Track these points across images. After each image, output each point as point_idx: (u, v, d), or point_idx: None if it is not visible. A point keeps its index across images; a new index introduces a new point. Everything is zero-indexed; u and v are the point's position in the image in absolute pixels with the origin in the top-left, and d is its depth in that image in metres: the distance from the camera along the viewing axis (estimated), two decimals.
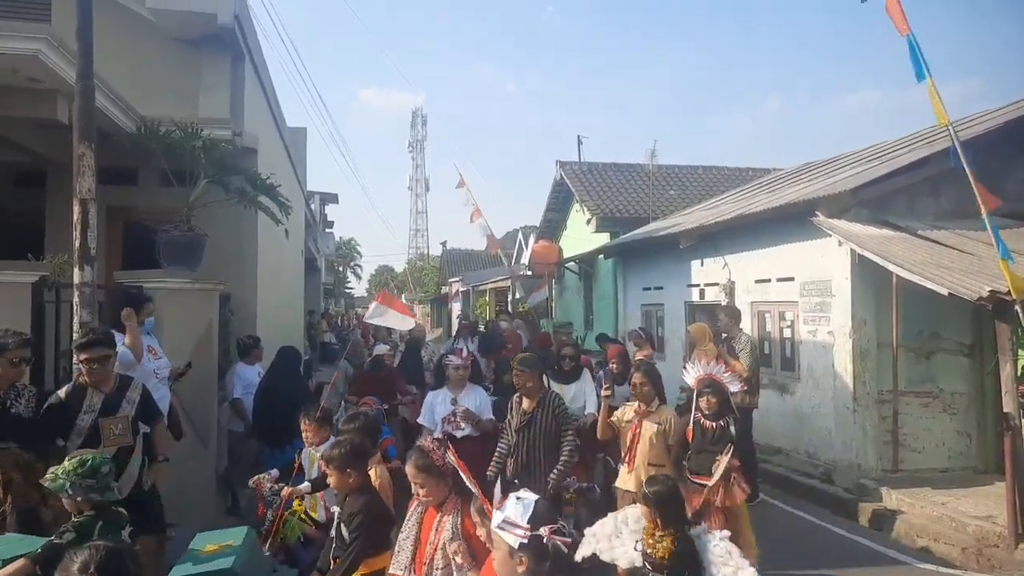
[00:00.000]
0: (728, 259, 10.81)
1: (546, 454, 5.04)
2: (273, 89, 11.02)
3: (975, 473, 8.01)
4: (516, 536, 2.23)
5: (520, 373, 5.16)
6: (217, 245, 7.18)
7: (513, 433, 5.17)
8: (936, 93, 6.15)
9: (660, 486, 3.65)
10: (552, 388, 6.62)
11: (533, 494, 2.43)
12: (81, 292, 4.93)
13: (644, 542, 3.62)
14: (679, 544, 3.51)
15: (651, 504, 3.63)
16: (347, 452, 3.65)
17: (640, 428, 5.11)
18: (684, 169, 20.37)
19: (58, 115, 5.92)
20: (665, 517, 3.58)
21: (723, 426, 5.01)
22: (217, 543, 3.47)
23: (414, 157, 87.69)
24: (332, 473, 3.67)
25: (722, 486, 4.77)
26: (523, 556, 2.22)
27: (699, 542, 3.54)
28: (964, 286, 6.30)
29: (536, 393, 5.16)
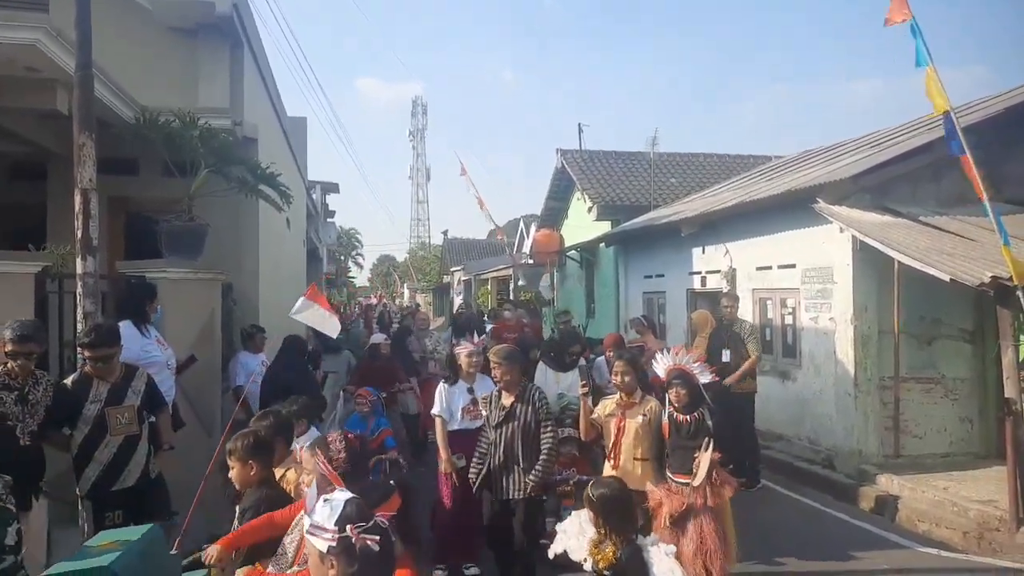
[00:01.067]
0: (729, 246, 10.80)
1: (525, 450, 4.80)
2: (272, 78, 10.98)
3: (976, 458, 8.04)
4: (324, 540, 2.16)
5: (499, 366, 4.89)
6: (219, 235, 7.19)
7: (492, 430, 4.94)
8: (937, 79, 6.14)
9: (605, 489, 3.41)
10: (550, 376, 6.54)
11: (345, 494, 2.33)
12: (84, 282, 4.94)
13: (589, 548, 3.39)
14: (622, 554, 3.27)
15: (595, 508, 3.39)
16: (250, 443, 3.50)
17: (624, 421, 4.85)
18: (685, 157, 20.30)
19: (57, 105, 5.90)
20: (609, 523, 3.34)
21: (698, 419, 4.65)
22: (112, 540, 3.14)
23: (415, 146, 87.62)
24: (233, 464, 3.52)
25: (707, 485, 4.47)
26: (333, 560, 2.15)
27: (646, 554, 3.27)
28: (966, 272, 6.30)
29: (515, 387, 4.92)
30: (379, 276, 75.80)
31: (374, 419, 6.31)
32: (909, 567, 5.69)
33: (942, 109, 6.11)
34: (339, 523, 2.18)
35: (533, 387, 5.06)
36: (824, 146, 13.61)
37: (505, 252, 25.64)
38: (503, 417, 4.87)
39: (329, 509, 2.24)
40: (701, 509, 4.41)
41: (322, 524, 2.21)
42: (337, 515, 2.21)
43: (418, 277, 53.46)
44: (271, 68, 10.83)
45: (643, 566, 3.19)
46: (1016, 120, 8.43)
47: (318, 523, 2.22)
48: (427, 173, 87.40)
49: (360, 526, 2.19)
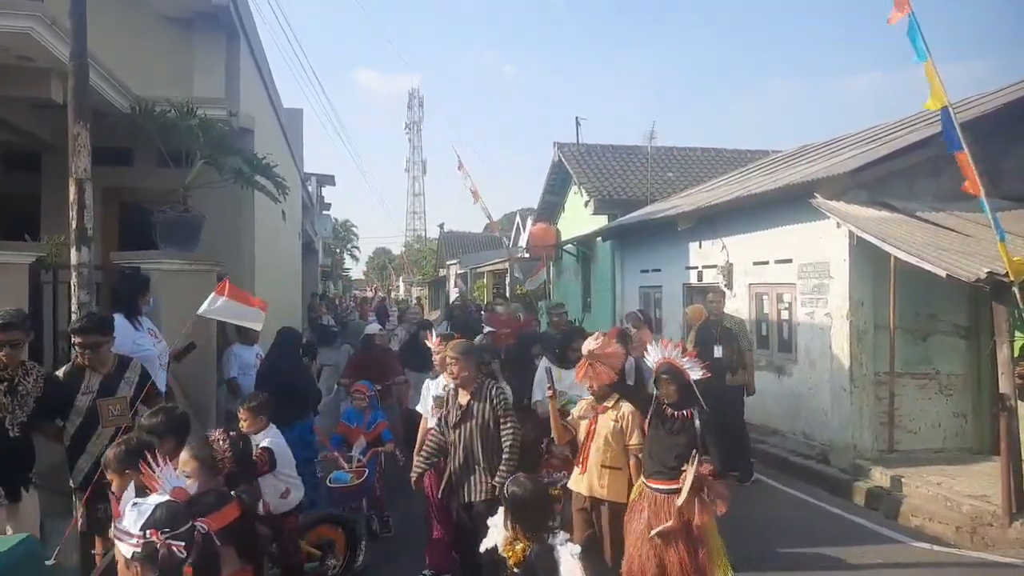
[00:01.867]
0: (726, 241, 10.80)
1: (485, 450, 4.58)
2: (269, 69, 10.93)
3: (970, 453, 8.07)
4: (129, 545, 2.08)
5: (455, 361, 4.64)
6: (214, 227, 7.16)
7: (450, 430, 4.72)
8: (936, 74, 6.13)
9: (518, 488, 3.31)
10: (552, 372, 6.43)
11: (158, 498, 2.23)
12: (79, 273, 4.92)
13: (503, 546, 3.32)
14: (532, 553, 3.19)
15: (507, 506, 3.29)
16: (123, 453, 3.17)
17: (595, 424, 4.61)
18: (683, 151, 20.29)
19: (52, 94, 5.86)
20: (520, 522, 3.25)
21: (686, 417, 4.34)
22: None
23: (411, 139, 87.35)
24: (111, 477, 3.27)
25: (696, 500, 4.10)
26: (137, 566, 2.07)
27: (556, 553, 3.18)
28: (962, 268, 6.31)
29: (471, 383, 4.67)
30: (375, 269, 75.78)
31: (371, 412, 6.31)
32: (902, 561, 5.71)
33: (939, 104, 6.10)
34: (144, 528, 2.10)
35: (490, 383, 4.78)
36: (822, 141, 13.61)
37: (502, 246, 25.59)
38: (460, 416, 4.66)
39: (136, 514, 2.16)
40: (687, 525, 4.08)
41: (127, 529, 2.12)
42: (144, 520, 2.13)
43: (414, 270, 53.44)
44: (267, 59, 10.78)
45: (553, 565, 3.12)
46: (1014, 116, 8.44)
47: (123, 528, 2.13)
48: (423, 166, 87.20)
49: (168, 531, 2.10)
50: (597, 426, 4.59)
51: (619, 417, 4.53)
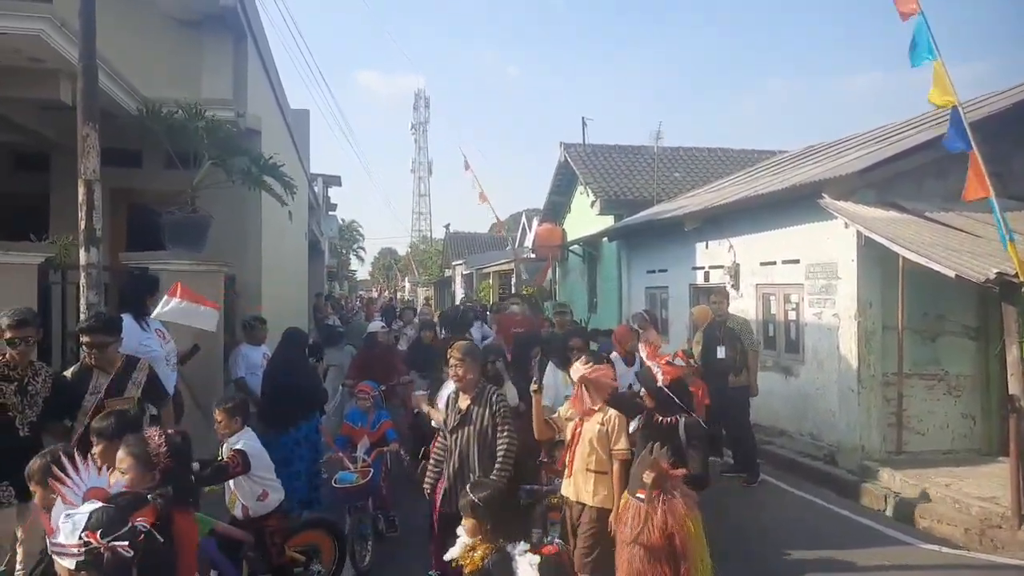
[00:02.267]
0: (733, 241, 10.77)
1: (481, 457, 4.43)
2: (276, 70, 10.96)
3: (978, 455, 8.03)
4: (71, 557, 2.05)
5: (459, 363, 4.49)
6: (221, 227, 7.19)
7: (448, 435, 4.61)
8: (945, 74, 6.10)
9: (484, 490, 3.26)
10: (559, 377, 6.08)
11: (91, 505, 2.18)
12: (87, 273, 4.94)
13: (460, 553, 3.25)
14: (489, 561, 3.12)
15: (475, 512, 3.21)
16: (47, 465, 3.03)
17: (580, 428, 4.47)
18: (689, 151, 20.26)
19: (61, 96, 5.90)
20: (479, 527, 3.18)
21: (672, 424, 4.22)
22: None
23: (417, 139, 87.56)
24: (34, 489, 3.15)
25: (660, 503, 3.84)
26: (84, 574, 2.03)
27: (514, 563, 3.13)
28: (971, 268, 6.28)
29: (473, 387, 4.54)
30: (380, 270, 75.87)
31: (375, 412, 6.30)
32: (910, 564, 5.68)
33: (948, 104, 6.08)
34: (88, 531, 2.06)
35: (491, 388, 4.63)
36: (829, 141, 13.57)
37: (507, 246, 25.60)
38: (459, 421, 4.53)
39: (72, 525, 2.12)
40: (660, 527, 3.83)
41: (64, 542, 2.09)
42: (81, 528, 2.09)
43: (419, 271, 53.48)
44: (274, 60, 10.81)
45: (509, 574, 3.07)
46: (1022, 117, 8.39)
47: (60, 542, 2.10)
48: (429, 167, 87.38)
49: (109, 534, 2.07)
50: (582, 430, 4.45)
51: (605, 420, 4.38)
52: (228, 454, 4.25)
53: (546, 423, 4.66)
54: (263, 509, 4.37)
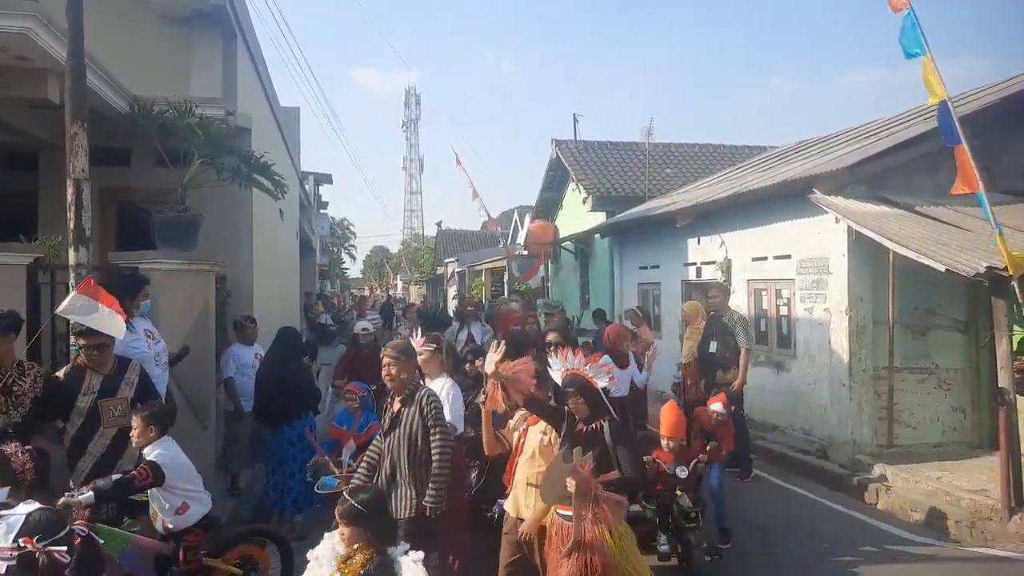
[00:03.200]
0: (725, 237, 10.80)
1: (411, 462, 4.14)
2: (266, 68, 10.90)
3: (969, 448, 8.09)
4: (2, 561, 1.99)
5: (393, 362, 4.21)
6: (212, 226, 7.15)
7: (382, 439, 4.34)
8: (934, 68, 6.13)
9: (365, 495, 3.11)
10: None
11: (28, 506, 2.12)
12: (77, 273, 4.91)
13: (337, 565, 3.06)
14: (371, 567, 2.98)
15: (351, 519, 3.05)
16: None
17: (524, 438, 4.23)
18: (681, 147, 20.28)
19: (48, 95, 5.83)
20: (365, 533, 3.02)
21: (596, 430, 3.90)
22: None
23: (408, 136, 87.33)
24: None
25: (589, 514, 3.54)
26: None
27: (397, 566, 3.02)
28: (961, 262, 6.32)
29: (404, 388, 4.24)
30: (372, 268, 75.71)
31: (363, 414, 5.98)
32: (901, 556, 5.72)
33: (939, 98, 6.11)
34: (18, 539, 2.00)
35: (424, 389, 4.32)
36: (820, 136, 13.62)
37: (499, 243, 25.58)
38: (389, 424, 4.27)
39: (5, 526, 2.06)
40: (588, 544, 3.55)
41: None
42: (16, 531, 2.03)
43: (412, 269, 53.41)
44: (264, 57, 10.76)
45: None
46: (1012, 111, 8.44)
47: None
48: (421, 164, 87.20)
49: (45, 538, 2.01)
50: (525, 440, 4.20)
51: (547, 430, 4.15)
52: (140, 465, 4.03)
53: (496, 437, 4.37)
54: (183, 523, 4.11)
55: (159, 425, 4.12)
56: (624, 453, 3.86)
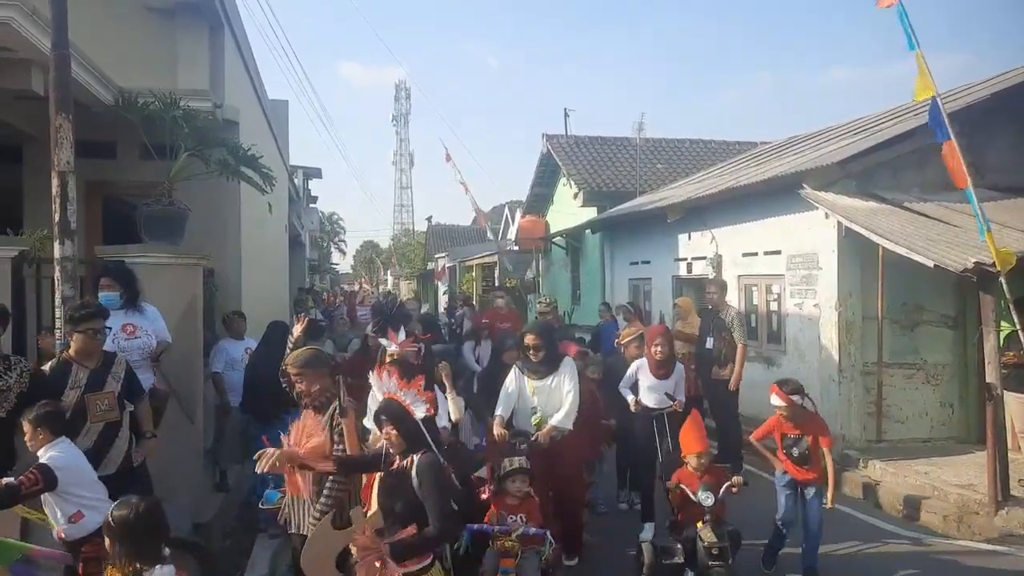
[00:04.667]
0: (715, 233, 10.82)
1: (314, 480, 3.89)
2: (254, 60, 10.81)
3: (956, 443, 8.14)
4: None
5: (299, 376, 3.98)
6: (199, 220, 7.07)
7: None
8: (925, 64, 6.14)
9: (125, 510, 2.86)
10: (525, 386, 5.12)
11: None
12: (62, 267, 4.84)
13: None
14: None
15: (110, 534, 2.85)
16: None
17: None
18: (671, 143, 20.31)
19: (32, 86, 5.76)
20: (128, 548, 2.82)
21: (405, 468, 3.34)
22: None
23: (398, 131, 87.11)
24: None
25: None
26: None
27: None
28: (950, 258, 6.35)
29: (319, 399, 3.98)
30: (362, 263, 75.47)
31: None
32: (890, 550, 5.75)
33: (928, 94, 6.12)
34: None
35: (342, 400, 3.92)
36: (810, 132, 13.65)
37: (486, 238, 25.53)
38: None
39: None
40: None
41: None
42: None
43: (402, 264, 53.25)
44: (252, 50, 10.66)
45: None
46: (1000, 107, 8.48)
47: None
48: (411, 159, 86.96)
49: None
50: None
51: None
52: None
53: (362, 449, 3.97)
54: (77, 532, 3.74)
55: (48, 427, 3.79)
56: (432, 497, 3.22)
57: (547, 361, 5.09)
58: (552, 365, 5.10)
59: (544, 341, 5.13)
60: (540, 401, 5.06)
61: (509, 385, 5.17)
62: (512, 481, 4.43)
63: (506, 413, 5.07)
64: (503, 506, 4.43)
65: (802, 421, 5.11)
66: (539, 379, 5.07)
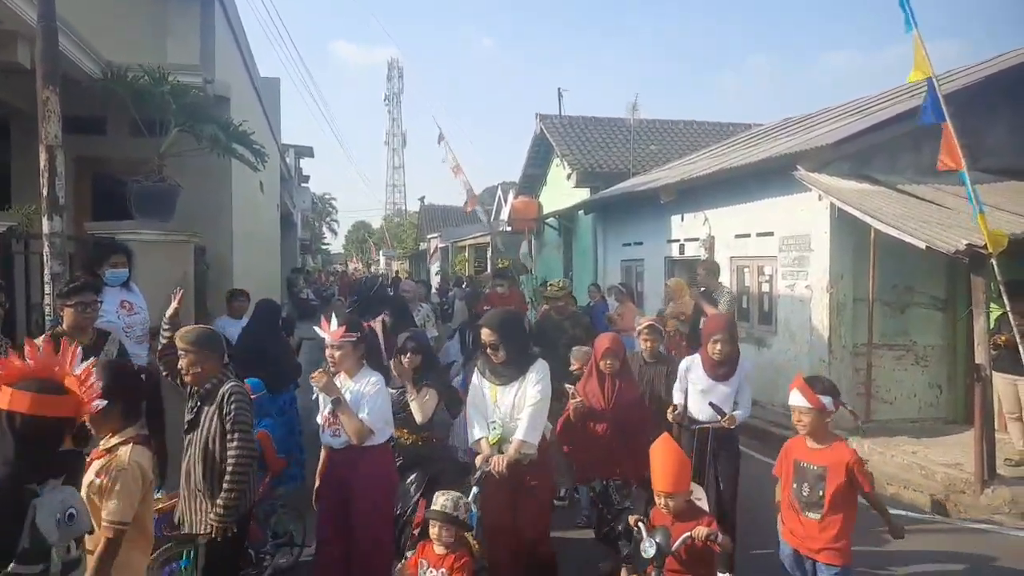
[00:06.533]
0: (708, 214, 10.81)
1: (207, 471, 3.53)
2: (245, 36, 10.68)
3: (944, 423, 8.23)
4: None
5: (185, 353, 3.58)
6: (191, 197, 7.02)
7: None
8: (922, 46, 6.11)
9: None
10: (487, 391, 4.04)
11: None
12: (51, 243, 4.80)
13: None
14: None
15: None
16: None
17: None
18: (665, 124, 20.22)
19: (18, 58, 5.67)
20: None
21: None
22: None
23: (390, 111, 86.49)
24: None
25: None
26: None
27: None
28: (941, 240, 6.37)
29: (205, 382, 3.60)
30: (354, 243, 75.23)
31: None
32: (877, 528, 5.80)
33: (924, 75, 6.10)
34: None
35: (230, 384, 3.59)
36: (805, 114, 13.62)
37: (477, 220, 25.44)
38: (188, 424, 3.66)
39: None
40: None
41: None
42: None
43: (394, 244, 53.11)
44: (243, 26, 10.52)
45: None
46: (994, 90, 8.49)
47: None
48: (403, 139, 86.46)
49: None
50: None
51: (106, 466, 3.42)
52: None
53: None
54: None
55: None
56: None
57: (511, 362, 3.95)
58: (519, 367, 3.94)
59: (503, 336, 3.93)
60: (501, 415, 3.92)
61: (474, 393, 4.11)
62: (432, 526, 3.40)
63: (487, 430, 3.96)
64: (426, 553, 3.44)
65: (826, 446, 3.59)
66: (502, 384, 3.93)
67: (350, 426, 3.78)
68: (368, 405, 3.84)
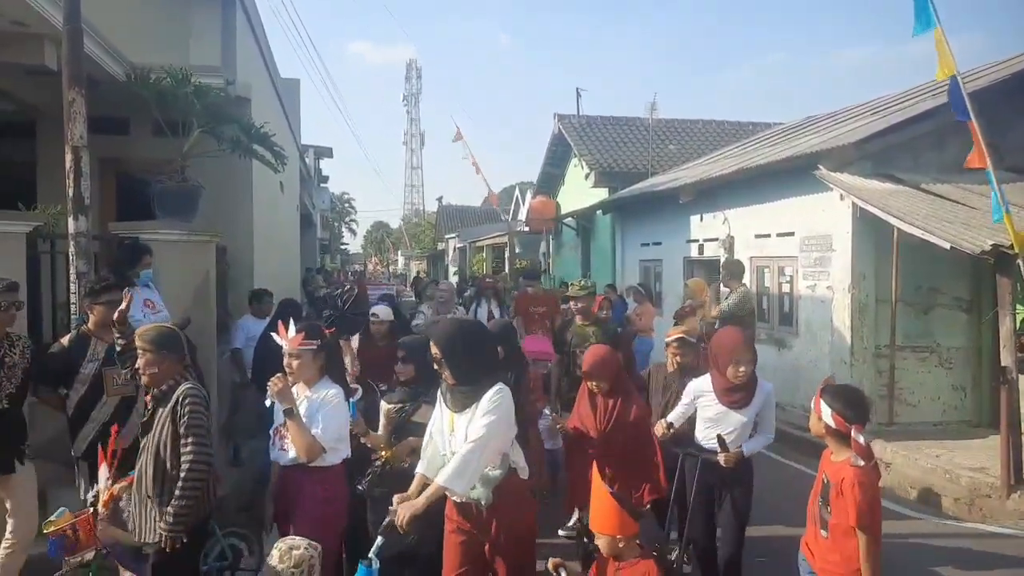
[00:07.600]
0: (728, 214, 10.74)
1: (156, 477, 3.34)
2: (265, 37, 10.77)
3: (968, 427, 8.10)
4: None
5: (143, 352, 3.40)
6: (212, 197, 7.08)
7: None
8: (945, 42, 6.03)
9: None
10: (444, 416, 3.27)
11: None
12: (76, 242, 4.87)
13: None
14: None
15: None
16: None
17: None
18: (684, 123, 20.12)
19: (45, 61, 5.77)
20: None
21: None
22: None
23: (409, 111, 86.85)
24: None
25: None
26: None
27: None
28: (966, 240, 6.28)
29: (161, 383, 3.41)
30: (373, 243, 75.63)
31: None
32: (901, 532, 5.74)
33: (948, 73, 6.01)
34: None
35: (184, 386, 3.39)
36: (826, 112, 13.49)
37: (500, 219, 25.49)
38: (142, 427, 3.52)
39: None
40: None
41: None
42: None
43: (412, 244, 53.33)
44: (264, 27, 10.62)
45: None
46: (1020, 88, 8.34)
47: None
48: (421, 138, 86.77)
49: None
50: None
51: None
52: None
53: None
54: None
55: None
56: None
57: (461, 385, 3.19)
58: (474, 392, 3.16)
59: (447, 353, 3.17)
60: (456, 447, 3.14)
61: (435, 418, 3.38)
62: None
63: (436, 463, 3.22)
64: None
65: (840, 460, 3.10)
66: (457, 411, 3.19)
67: (300, 441, 3.44)
68: (323, 420, 3.52)
